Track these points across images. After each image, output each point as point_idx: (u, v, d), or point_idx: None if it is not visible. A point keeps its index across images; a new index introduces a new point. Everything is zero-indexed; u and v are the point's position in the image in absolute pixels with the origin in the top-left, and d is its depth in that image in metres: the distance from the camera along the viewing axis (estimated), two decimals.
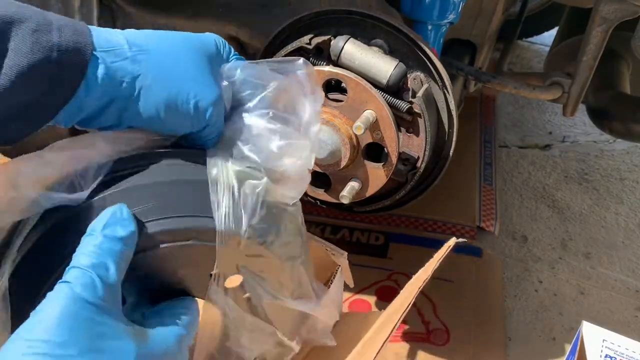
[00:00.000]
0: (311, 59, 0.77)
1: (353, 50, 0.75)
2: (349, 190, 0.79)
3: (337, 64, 0.76)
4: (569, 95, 0.97)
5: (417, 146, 0.79)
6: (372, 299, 1.07)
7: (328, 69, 0.75)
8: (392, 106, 0.75)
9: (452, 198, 1.30)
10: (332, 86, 0.77)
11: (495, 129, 1.62)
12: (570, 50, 1.16)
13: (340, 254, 0.75)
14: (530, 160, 1.57)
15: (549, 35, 1.68)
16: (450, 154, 0.83)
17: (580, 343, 0.74)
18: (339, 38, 0.76)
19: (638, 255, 1.27)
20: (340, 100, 0.76)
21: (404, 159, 0.80)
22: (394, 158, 0.77)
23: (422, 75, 0.78)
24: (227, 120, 0.53)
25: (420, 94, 0.75)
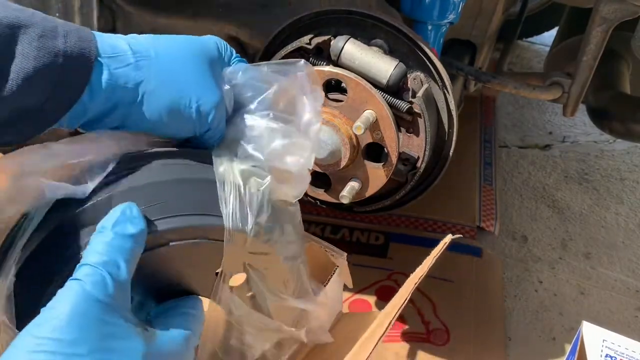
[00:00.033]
0: (311, 59, 0.77)
1: (353, 50, 0.75)
2: (349, 190, 0.79)
3: (337, 64, 0.76)
4: (569, 95, 0.97)
5: (417, 146, 0.79)
6: (372, 299, 1.07)
7: (328, 69, 0.75)
8: (392, 106, 0.75)
9: (452, 198, 1.30)
10: (332, 86, 0.77)
11: (495, 129, 1.62)
12: (570, 50, 1.16)
13: (340, 255, 0.75)
14: (530, 160, 1.57)
15: (549, 35, 1.68)
16: (450, 154, 0.83)
17: (580, 343, 0.74)
18: (339, 38, 0.76)
19: (638, 256, 1.27)
20: (340, 100, 0.76)
21: (404, 159, 0.80)
22: (394, 158, 0.76)
23: (422, 75, 0.78)
24: (230, 122, 0.53)
25: (420, 94, 0.75)
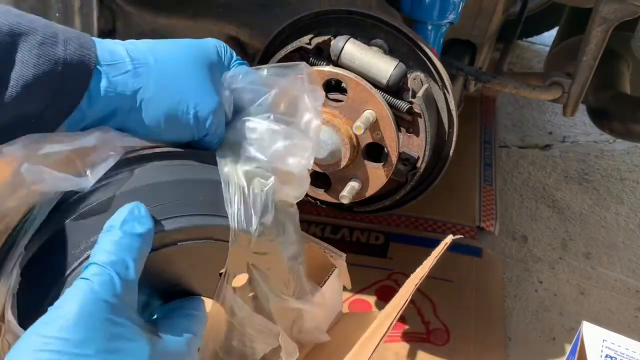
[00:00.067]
0: (311, 59, 0.77)
1: (353, 50, 0.75)
2: (349, 190, 0.79)
3: (337, 64, 0.76)
4: (569, 95, 0.97)
5: (417, 146, 0.79)
6: (372, 299, 1.07)
7: (328, 69, 0.75)
8: (392, 106, 0.75)
9: (452, 198, 1.30)
10: (332, 86, 0.77)
11: (495, 129, 1.62)
12: (570, 50, 1.16)
13: (339, 256, 0.75)
14: (530, 160, 1.57)
15: (549, 35, 1.68)
16: (450, 154, 0.83)
17: (580, 343, 0.74)
18: (339, 38, 0.76)
19: (638, 256, 1.27)
20: (340, 100, 0.76)
21: (404, 159, 0.80)
22: (394, 158, 0.76)
23: (422, 75, 0.78)
24: (230, 126, 0.54)
25: (420, 94, 0.75)
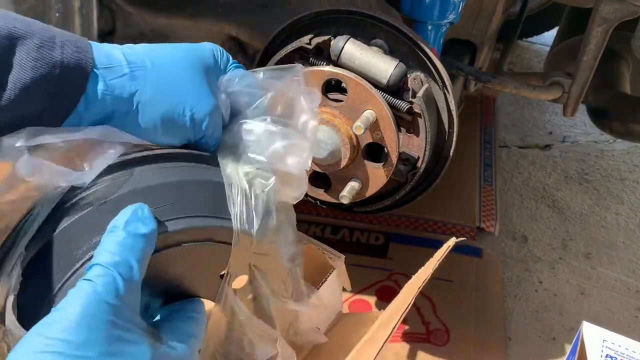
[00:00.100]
0: (311, 59, 0.77)
1: (353, 50, 0.75)
2: (349, 190, 0.79)
3: (337, 64, 0.76)
4: (569, 95, 0.97)
5: (417, 146, 0.79)
6: (372, 299, 1.07)
7: (328, 69, 0.75)
8: (392, 106, 0.75)
9: (452, 198, 1.30)
10: (332, 86, 0.77)
11: (495, 129, 1.62)
12: (571, 50, 1.16)
13: (338, 257, 0.75)
14: (530, 160, 1.57)
15: (549, 35, 1.68)
16: (450, 154, 0.83)
17: (580, 343, 0.74)
18: (339, 38, 0.76)
19: (638, 256, 1.27)
20: (340, 100, 0.76)
21: (404, 159, 0.80)
22: (394, 158, 0.76)
23: (422, 75, 0.78)
24: (227, 129, 0.54)
25: (420, 94, 0.75)
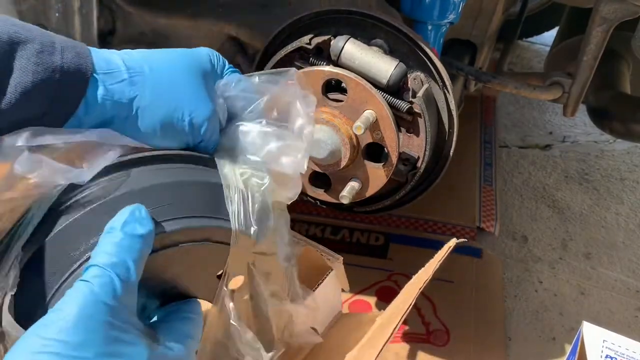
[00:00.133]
0: (311, 59, 0.77)
1: (353, 50, 0.75)
2: (349, 190, 0.79)
3: (337, 64, 0.76)
4: (569, 95, 0.97)
5: (417, 146, 0.79)
6: (372, 300, 1.07)
7: (328, 69, 0.75)
8: (392, 106, 0.75)
9: (452, 198, 1.30)
10: (332, 86, 0.77)
11: (496, 129, 1.62)
12: (571, 50, 1.16)
13: (336, 259, 0.75)
14: (530, 160, 1.57)
15: (549, 35, 1.68)
16: (451, 154, 0.83)
17: (580, 343, 0.74)
18: (339, 38, 0.76)
19: (638, 256, 1.27)
20: (340, 100, 0.76)
21: (404, 159, 0.80)
22: (394, 158, 0.76)
23: (422, 75, 0.78)
24: (224, 132, 0.55)
25: (420, 94, 0.75)
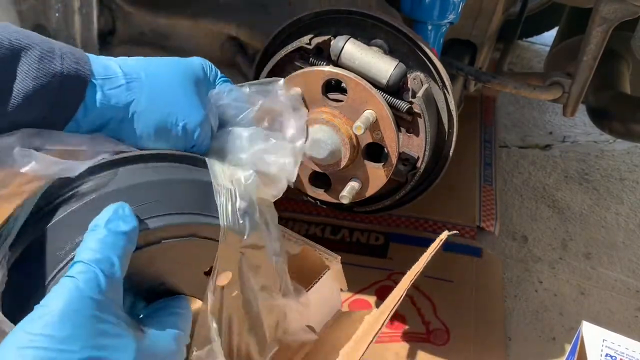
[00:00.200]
0: (311, 59, 0.77)
1: (353, 50, 0.75)
2: (349, 190, 0.79)
3: (337, 64, 0.76)
4: (569, 95, 0.97)
5: (417, 146, 0.79)
6: (372, 299, 1.07)
7: (328, 69, 0.75)
8: (392, 106, 0.75)
9: (452, 198, 1.30)
10: (332, 86, 0.77)
11: (496, 129, 1.62)
12: (571, 50, 1.16)
13: (334, 258, 0.75)
14: (530, 160, 1.57)
15: (549, 35, 1.68)
16: (450, 154, 0.83)
17: (580, 343, 0.74)
18: (339, 38, 0.76)
19: (638, 256, 1.27)
20: (340, 100, 0.76)
21: (404, 159, 0.80)
22: (394, 158, 0.76)
23: (422, 75, 0.78)
24: (215, 137, 0.57)
25: (420, 94, 0.75)
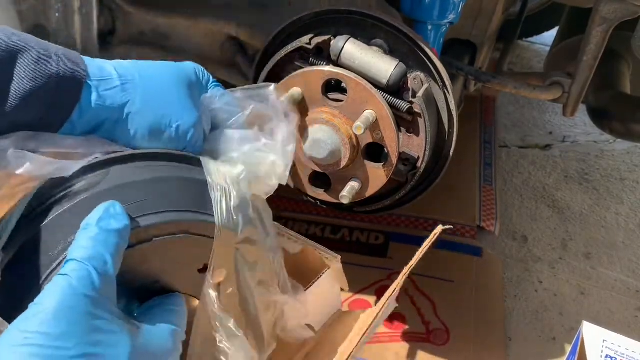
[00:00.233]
0: (311, 59, 0.77)
1: (353, 50, 0.75)
2: (349, 190, 0.79)
3: (337, 64, 0.76)
4: (569, 95, 0.97)
5: (417, 146, 0.79)
6: (372, 299, 1.07)
7: (328, 69, 0.75)
8: (392, 106, 0.75)
9: (452, 198, 1.30)
10: (332, 86, 0.77)
11: (496, 129, 1.62)
12: (571, 50, 1.16)
13: (334, 258, 0.75)
14: (530, 160, 1.57)
15: (549, 35, 1.69)
16: (450, 154, 0.83)
17: (580, 343, 0.74)
18: (339, 38, 0.76)
19: (638, 256, 1.27)
20: (340, 100, 0.76)
21: (404, 159, 0.80)
22: (394, 158, 0.76)
23: (422, 75, 0.78)
24: (207, 139, 0.58)
25: (420, 94, 0.75)
